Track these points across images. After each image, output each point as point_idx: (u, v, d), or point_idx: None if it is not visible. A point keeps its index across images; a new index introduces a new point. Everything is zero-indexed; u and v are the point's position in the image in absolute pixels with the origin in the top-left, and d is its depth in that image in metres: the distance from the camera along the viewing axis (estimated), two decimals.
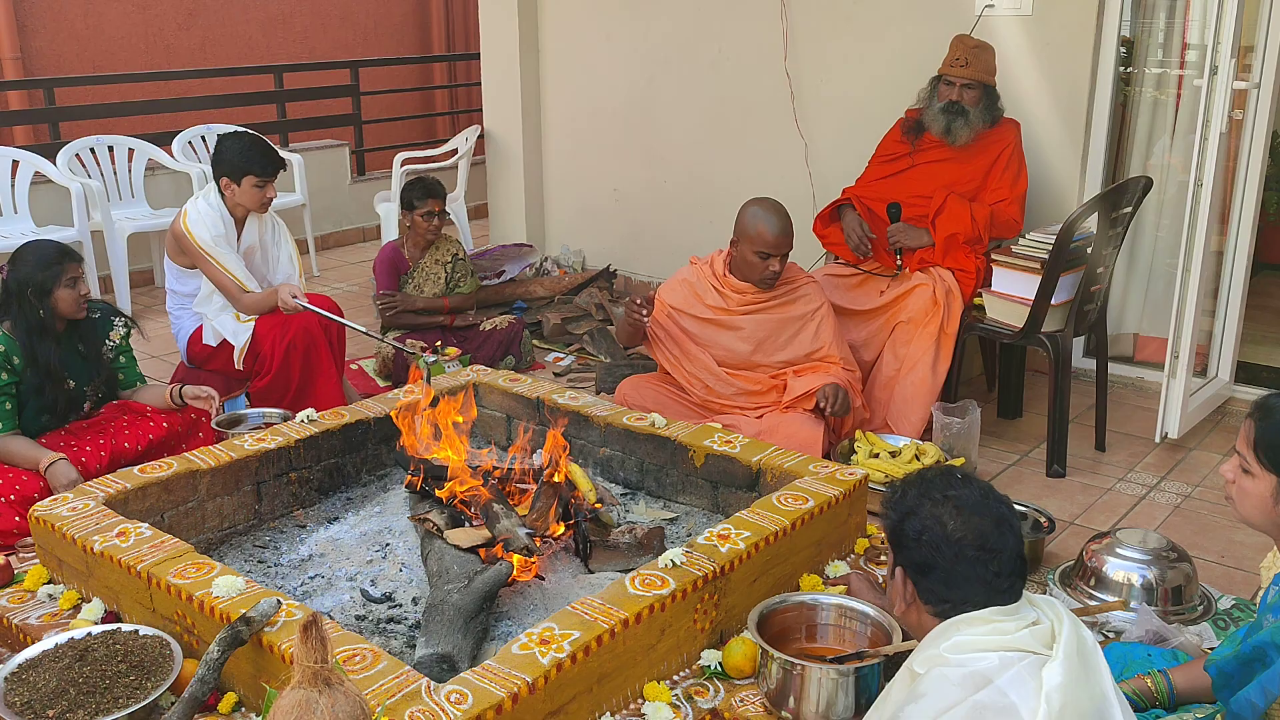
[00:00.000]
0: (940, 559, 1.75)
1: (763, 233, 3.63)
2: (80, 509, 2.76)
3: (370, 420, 3.46)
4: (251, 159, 4.03)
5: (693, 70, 5.69)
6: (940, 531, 1.76)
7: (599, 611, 2.30)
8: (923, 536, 1.77)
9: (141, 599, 2.53)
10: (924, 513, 1.78)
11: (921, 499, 1.80)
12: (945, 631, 1.74)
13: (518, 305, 5.67)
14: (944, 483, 1.81)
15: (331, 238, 7.55)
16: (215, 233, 4.03)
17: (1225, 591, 3.06)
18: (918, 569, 1.79)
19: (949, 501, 1.78)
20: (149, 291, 6.34)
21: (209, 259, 4.02)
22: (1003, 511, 1.78)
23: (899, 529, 1.82)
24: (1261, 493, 1.95)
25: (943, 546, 1.75)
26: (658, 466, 3.36)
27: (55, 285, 3.31)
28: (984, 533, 1.74)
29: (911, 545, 1.79)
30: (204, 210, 4.06)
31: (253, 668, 2.27)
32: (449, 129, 9.75)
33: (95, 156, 6.14)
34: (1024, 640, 1.70)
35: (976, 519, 1.75)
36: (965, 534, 1.75)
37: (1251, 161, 4.34)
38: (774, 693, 2.28)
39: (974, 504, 1.77)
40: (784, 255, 3.68)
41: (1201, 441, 4.20)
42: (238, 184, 4.03)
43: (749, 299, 3.77)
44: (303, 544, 3.10)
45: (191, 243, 4.01)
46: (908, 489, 1.85)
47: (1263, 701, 1.87)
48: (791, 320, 3.77)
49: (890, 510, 1.85)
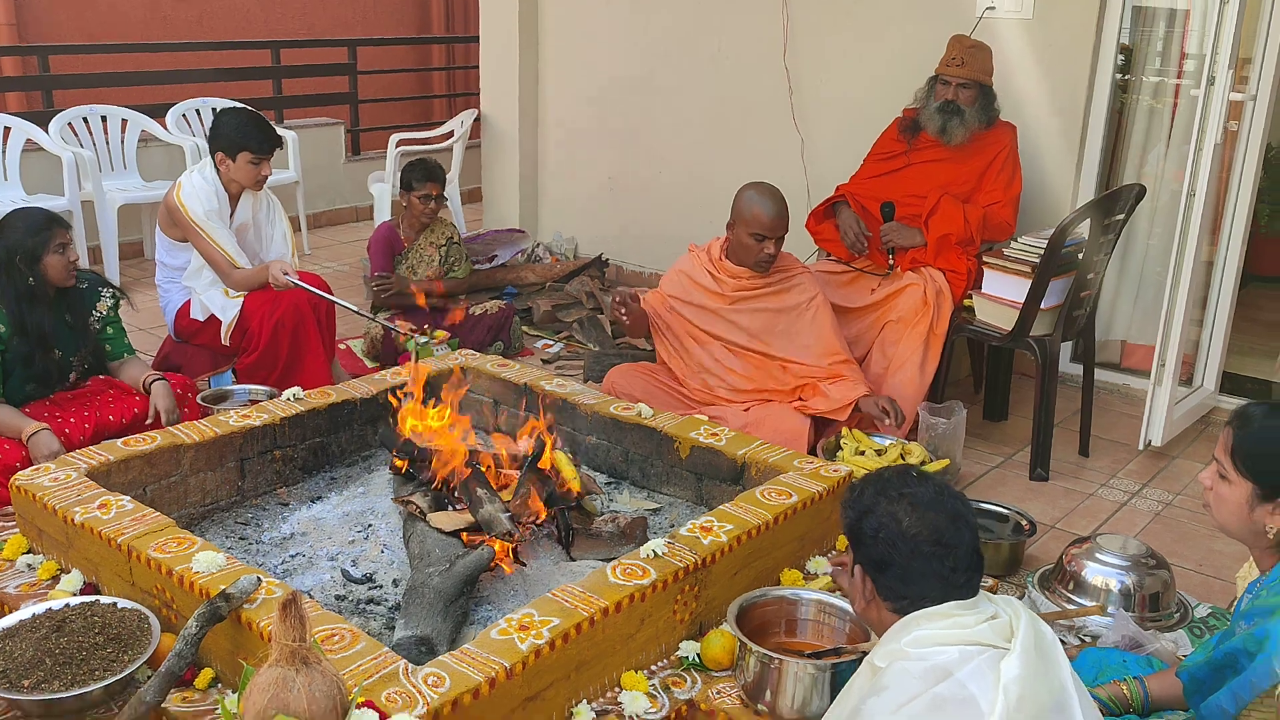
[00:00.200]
0: (897, 555, 1.78)
1: (758, 215, 3.65)
2: (62, 480, 2.74)
3: (357, 400, 3.45)
4: (248, 135, 4.01)
5: (692, 63, 5.68)
6: (896, 528, 1.78)
7: (579, 599, 2.30)
8: (879, 534, 1.80)
9: (121, 572, 2.52)
10: (880, 510, 1.80)
11: (878, 497, 1.82)
12: (906, 626, 1.77)
13: (508, 291, 5.66)
14: (900, 480, 1.84)
15: (324, 216, 7.52)
16: (208, 207, 4.01)
17: (1202, 600, 3.08)
18: (875, 566, 1.82)
19: (904, 499, 1.80)
20: (138, 264, 6.31)
21: (200, 233, 4.00)
22: (958, 508, 1.81)
23: (856, 527, 1.85)
24: (1237, 499, 1.97)
25: (899, 543, 1.78)
26: (643, 457, 3.36)
27: (44, 251, 3.29)
28: (939, 529, 1.77)
29: (869, 542, 1.82)
30: (198, 184, 4.04)
31: (230, 644, 2.27)
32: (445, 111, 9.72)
33: (88, 126, 6.10)
34: (983, 634, 1.72)
35: (931, 515, 1.78)
36: (921, 530, 1.77)
37: (1245, 173, 4.36)
38: (751, 686, 2.29)
39: (929, 501, 1.80)
40: (779, 239, 3.69)
41: (1185, 450, 4.22)
42: (233, 160, 4.01)
43: (744, 284, 3.78)
44: (285, 522, 3.09)
45: (184, 215, 3.99)
46: (865, 487, 1.87)
47: (1233, 707, 1.89)
48: (786, 310, 3.79)
49: (848, 508, 1.88)
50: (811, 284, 3.85)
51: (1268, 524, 1.94)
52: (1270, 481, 1.93)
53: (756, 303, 3.80)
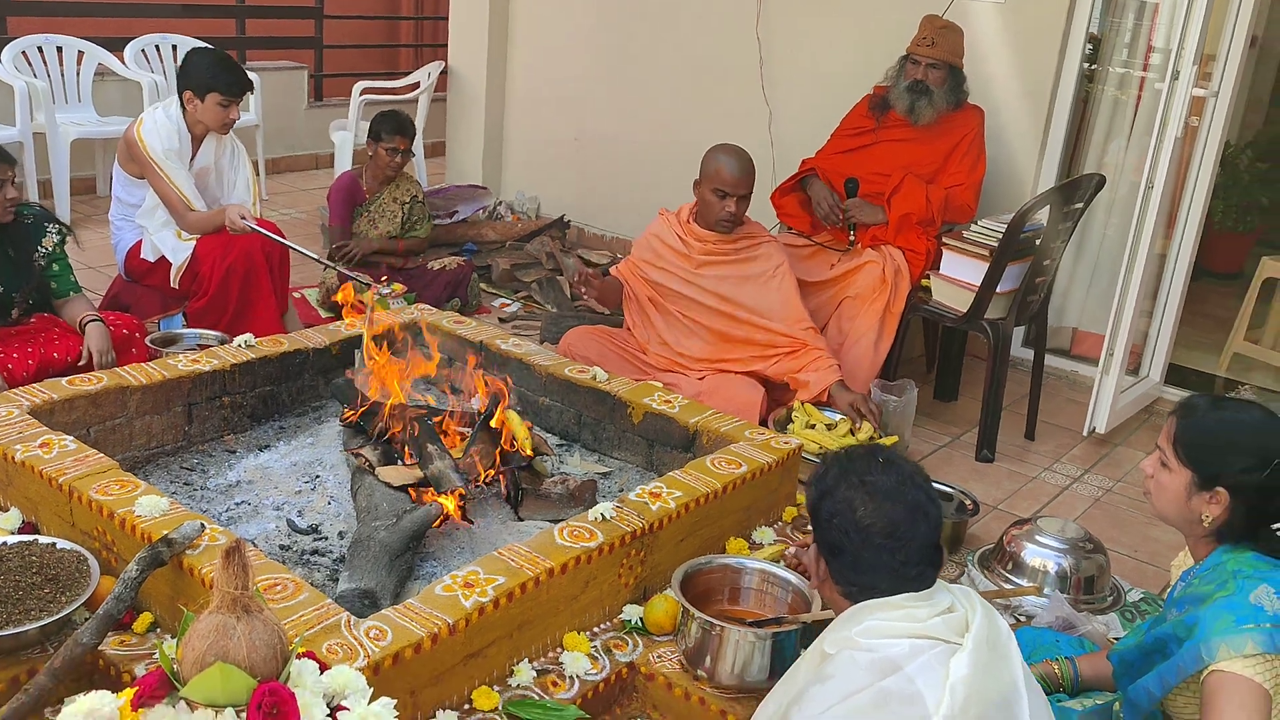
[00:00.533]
0: (848, 543, 1.76)
1: (721, 171, 3.67)
2: (3, 416, 2.69)
3: (309, 350, 3.42)
4: (219, 76, 3.94)
5: (664, 26, 5.64)
6: (850, 516, 1.75)
7: (525, 559, 2.30)
8: (833, 520, 1.77)
9: (61, 512, 2.49)
10: (838, 495, 1.78)
11: (839, 481, 1.79)
12: (858, 614, 1.75)
13: (468, 247, 5.62)
14: (864, 465, 1.80)
15: (283, 162, 7.40)
16: (168, 145, 3.94)
17: (1136, 585, 3.15)
18: (829, 549, 1.81)
19: (864, 487, 1.77)
20: (90, 200, 6.18)
21: (157, 170, 3.93)
22: (918, 499, 1.77)
23: (815, 507, 1.83)
24: (1176, 487, 2.02)
25: (851, 532, 1.75)
26: (595, 420, 3.36)
27: None
28: (894, 521, 1.74)
29: (824, 526, 1.80)
30: (161, 121, 3.96)
31: (171, 589, 2.25)
32: (412, 62, 9.57)
33: (43, 56, 5.94)
34: (936, 628, 1.70)
35: (888, 506, 1.75)
36: (874, 521, 1.74)
37: (1203, 168, 4.42)
38: (691, 651, 2.31)
39: (888, 491, 1.76)
40: (741, 198, 3.71)
41: (1127, 438, 4.30)
42: (201, 100, 3.94)
43: (710, 248, 3.81)
44: (231, 470, 3.06)
45: (142, 150, 3.92)
46: (829, 467, 1.84)
47: (1160, 691, 1.94)
48: (751, 278, 3.81)
49: (811, 486, 1.86)
50: (778, 252, 3.88)
51: (1204, 512, 1.98)
52: (1207, 471, 1.97)
53: (723, 268, 3.81)
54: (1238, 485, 1.94)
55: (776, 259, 3.85)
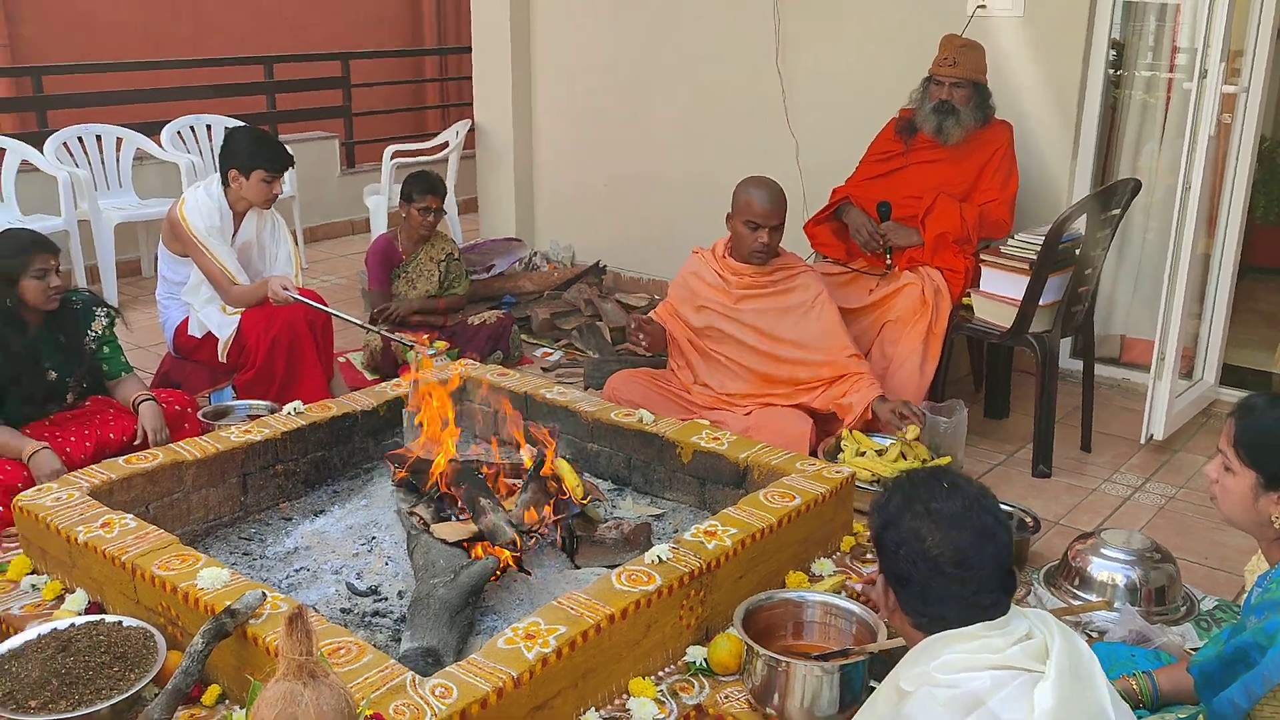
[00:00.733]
0: (916, 574, 1.71)
1: (751, 203, 3.70)
2: (64, 499, 2.74)
3: (357, 413, 3.45)
4: (264, 153, 4.05)
5: (684, 67, 5.69)
6: (917, 546, 1.70)
7: (585, 607, 2.29)
8: (900, 550, 1.73)
9: (125, 590, 2.52)
10: (903, 525, 1.73)
11: (902, 510, 1.74)
12: (933, 647, 1.69)
13: (506, 300, 5.66)
14: (927, 491, 1.75)
15: (320, 230, 7.52)
16: (210, 223, 4.03)
17: (1208, 593, 3.08)
18: (896, 580, 1.76)
19: (929, 515, 1.71)
20: (135, 282, 6.31)
21: (201, 248, 4.02)
22: (986, 523, 1.71)
23: (880, 537, 1.78)
24: (1242, 490, 1.97)
25: (919, 562, 1.70)
26: (645, 463, 3.36)
27: (21, 274, 3.25)
28: (962, 549, 1.68)
29: (891, 556, 1.75)
30: (202, 200, 4.06)
31: (236, 660, 2.26)
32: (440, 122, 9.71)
33: (83, 145, 6.10)
34: (1015, 657, 1.64)
35: (955, 533, 1.69)
36: (942, 550, 1.69)
37: (1240, 165, 4.37)
38: (759, 689, 2.28)
39: (954, 517, 1.70)
40: (773, 228, 3.73)
41: (1187, 443, 4.22)
42: (246, 177, 4.04)
43: (747, 281, 3.82)
44: (288, 537, 3.09)
45: (185, 229, 4.01)
46: (892, 495, 1.79)
47: (1246, 702, 1.88)
48: (791, 309, 3.82)
49: (875, 515, 1.81)
50: (815, 282, 3.88)
51: (1272, 514, 1.94)
52: (1272, 470, 1.93)
53: (762, 301, 3.82)
54: None
55: (815, 288, 3.85)
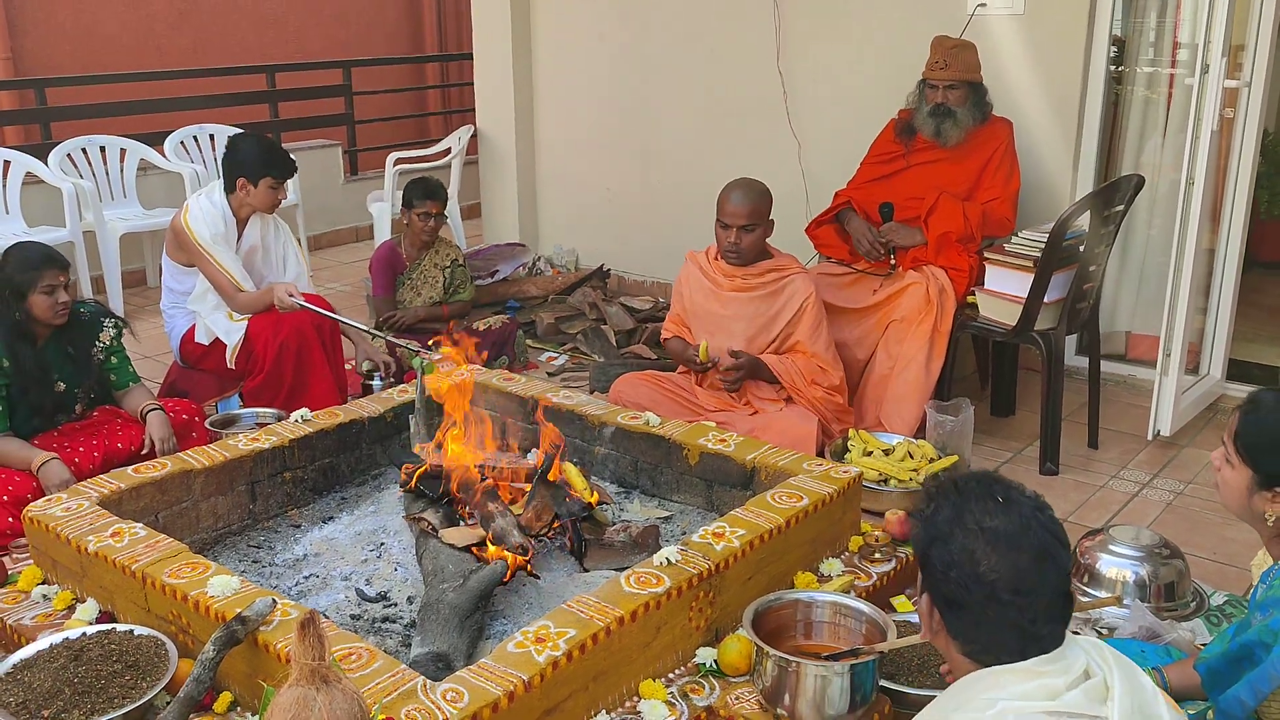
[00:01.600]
0: (969, 599, 1.55)
1: (721, 201, 3.75)
2: (74, 509, 2.75)
3: (364, 420, 3.46)
4: (271, 161, 4.08)
5: (686, 69, 5.69)
6: (970, 570, 1.54)
7: (594, 610, 2.30)
8: (950, 572, 1.56)
9: (136, 599, 2.53)
10: (955, 543, 1.56)
11: (953, 526, 1.57)
12: (984, 685, 1.54)
13: (511, 305, 5.67)
14: (980, 506, 1.58)
15: (324, 238, 7.54)
16: (214, 231, 4.04)
17: (1218, 588, 3.07)
18: (945, 603, 1.59)
19: (984, 534, 1.55)
20: (141, 292, 6.32)
21: (206, 256, 4.03)
22: (1045, 542, 1.56)
23: (927, 554, 1.61)
24: (1239, 484, 1.98)
25: (972, 586, 1.54)
26: (652, 465, 3.36)
27: (30, 290, 3.27)
28: (1021, 572, 1.53)
29: (939, 577, 1.58)
30: (205, 208, 4.08)
31: (248, 667, 2.27)
32: (442, 129, 9.74)
33: (87, 157, 6.12)
34: (1076, 702, 1.50)
35: (1013, 555, 1.53)
36: (1000, 575, 1.52)
37: (1243, 160, 4.36)
38: (769, 690, 2.29)
39: (1011, 536, 1.54)
40: (741, 228, 3.72)
41: (1194, 439, 4.21)
42: (255, 185, 4.07)
43: (738, 283, 3.83)
44: (297, 544, 3.09)
45: (190, 238, 4.02)
46: (940, 506, 1.61)
47: (1252, 700, 1.88)
48: (778, 313, 3.80)
49: (920, 528, 1.63)
50: (806, 286, 3.83)
51: (1266, 511, 1.95)
52: (1268, 470, 1.93)
53: (750, 305, 3.81)
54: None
55: (804, 292, 3.80)
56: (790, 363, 3.79)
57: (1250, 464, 1.96)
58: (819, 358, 3.79)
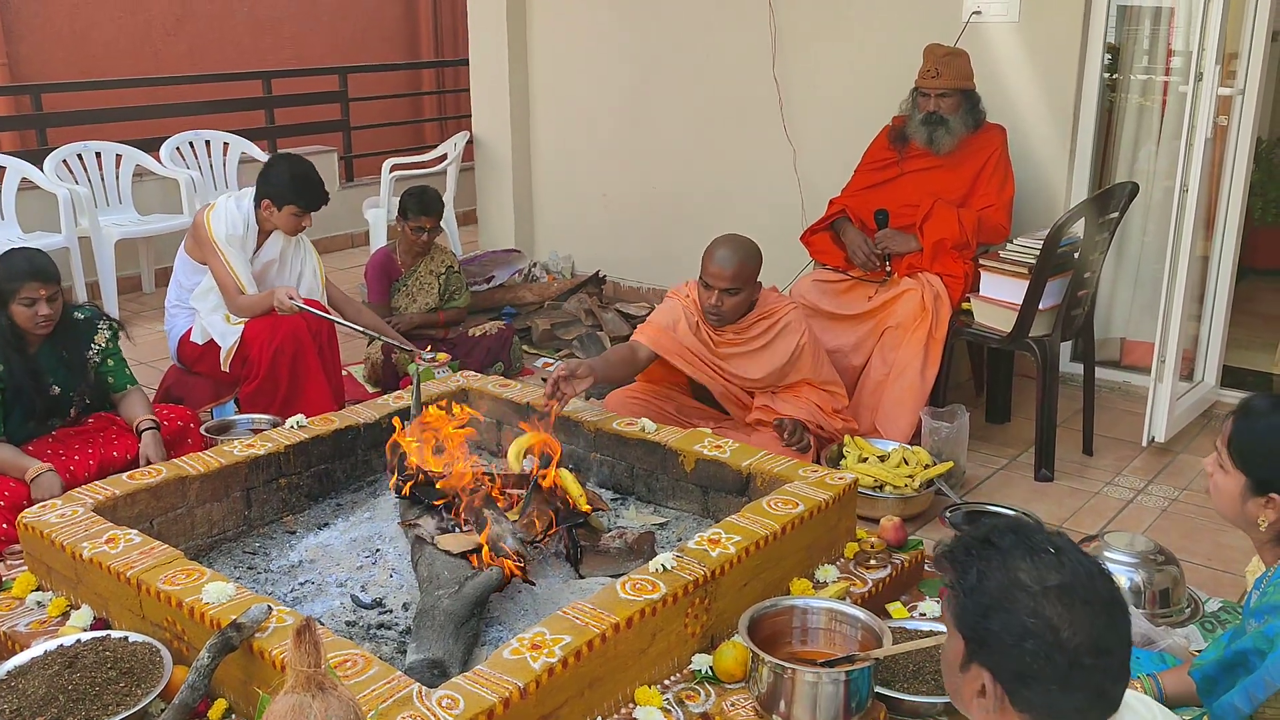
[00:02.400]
0: (1051, 669, 1.36)
1: (705, 260, 3.59)
2: (69, 515, 2.75)
3: (360, 426, 3.46)
4: (300, 191, 4.10)
5: (681, 76, 5.70)
6: (1052, 637, 1.36)
7: (590, 616, 2.30)
8: (1025, 643, 1.37)
9: (131, 605, 2.52)
10: (1021, 611, 1.37)
11: (1012, 590, 1.38)
12: None
13: (506, 311, 5.67)
14: (1033, 563, 1.40)
15: (320, 244, 7.42)
16: (231, 232, 4.08)
17: (1213, 594, 3.08)
18: (1015, 678, 1.40)
19: (1053, 595, 1.37)
20: (137, 298, 6.31)
21: (217, 252, 4.07)
22: (1109, 589, 1.41)
23: (983, 628, 1.41)
24: (1232, 490, 1.98)
25: (1055, 655, 1.36)
26: (648, 471, 3.36)
27: (10, 299, 3.28)
28: (1099, 629, 1.37)
29: (1008, 650, 1.39)
30: (231, 210, 4.11)
31: (243, 674, 2.27)
32: (438, 135, 9.74)
33: (83, 162, 6.11)
34: None
35: (1088, 612, 1.37)
36: (1082, 637, 1.36)
37: (1236, 167, 4.38)
38: (765, 697, 2.29)
39: (1080, 590, 1.38)
40: (724, 290, 3.53)
41: (1188, 445, 4.22)
42: (278, 209, 4.09)
43: (728, 338, 3.68)
44: (293, 550, 3.09)
45: (206, 232, 4.06)
46: (986, 570, 1.42)
47: (1248, 706, 1.89)
48: (776, 363, 3.69)
49: (964, 600, 1.43)
50: (798, 322, 3.71)
51: (1259, 517, 1.95)
52: (1260, 476, 1.94)
53: (746, 361, 3.70)
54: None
55: (797, 330, 3.69)
56: (812, 405, 3.72)
57: (1243, 469, 1.96)
58: (826, 383, 3.78)
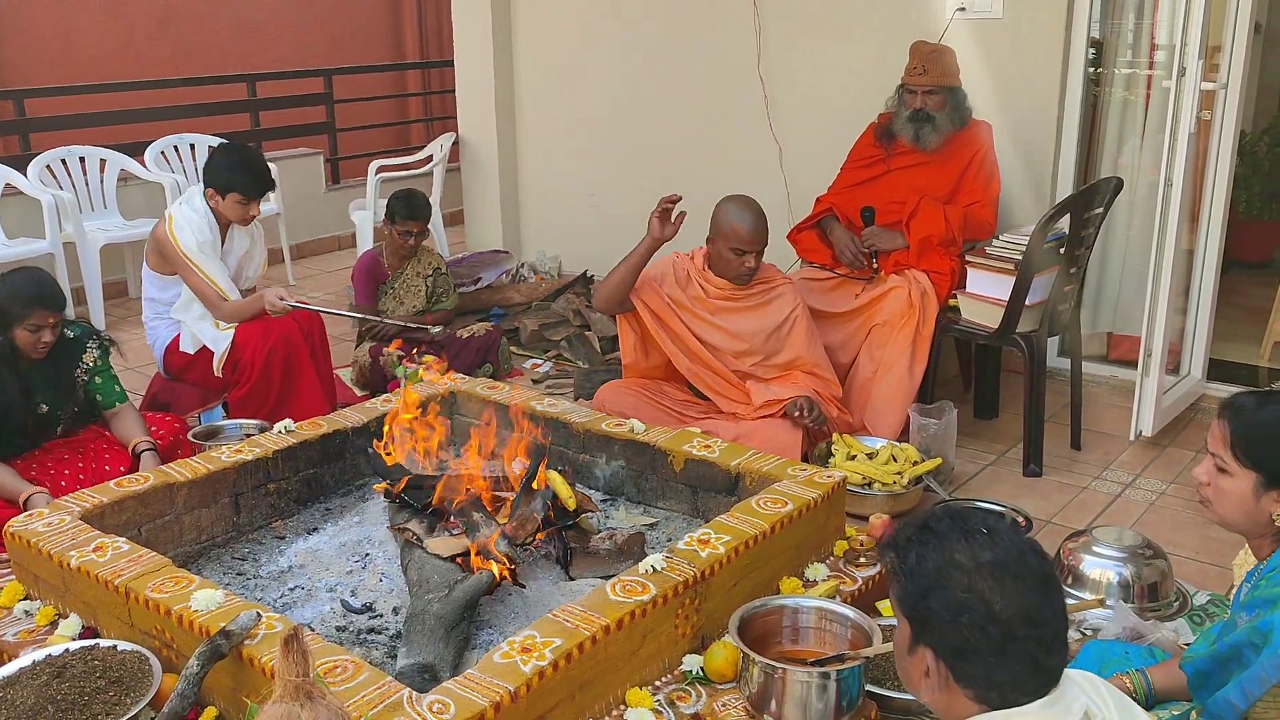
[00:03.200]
0: (986, 642, 1.43)
1: (737, 230, 3.66)
2: (56, 524, 2.73)
3: (348, 430, 3.45)
4: (238, 177, 4.02)
5: (667, 75, 5.70)
6: (984, 609, 1.43)
7: (580, 619, 2.30)
8: (961, 617, 1.44)
9: (119, 614, 2.51)
10: (955, 585, 1.45)
11: (948, 569, 1.46)
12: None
13: (494, 312, 5.67)
14: (968, 543, 1.48)
15: (307, 246, 7.51)
16: (201, 239, 4.02)
17: (1200, 587, 3.09)
18: (955, 653, 1.47)
19: (985, 570, 1.45)
20: (123, 304, 6.29)
21: (191, 266, 4.00)
22: (1042, 566, 1.48)
23: (922, 606, 1.48)
24: (1242, 491, 1.96)
25: (989, 627, 1.43)
26: (637, 472, 3.36)
27: (16, 324, 3.24)
28: (1031, 602, 1.44)
29: (945, 626, 1.46)
30: (190, 215, 4.05)
31: (233, 681, 2.26)
32: (424, 136, 9.72)
33: (66, 168, 6.09)
34: None
35: (1019, 586, 1.44)
36: (1014, 609, 1.43)
37: (1220, 161, 4.39)
38: (756, 697, 2.29)
39: (1012, 566, 1.45)
40: (758, 252, 3.71)
41: (1175, 438, 4.24)
42: (223, 197, 4.03)
43: (726, 294, 3.81)
44: (282, 555, 3.08)
45: (175, 248, 3.99)
46: (923, 552, 1.49)
47: (1243, 702, 1.89)
48: (767, 327, 3.80)
49: (905, 582, 1.51)
50: (793, 295, 3.85)
51: (1275, 512, 1.94)
52: (1273, 468, 1.93)
53: (739, 316, 3.81)
54: None
55: (793, 302, 3.82)
56: (811, 390, 3.75)
57: (1253, 466, 1.95)
58: (817, 366, 3.80)
